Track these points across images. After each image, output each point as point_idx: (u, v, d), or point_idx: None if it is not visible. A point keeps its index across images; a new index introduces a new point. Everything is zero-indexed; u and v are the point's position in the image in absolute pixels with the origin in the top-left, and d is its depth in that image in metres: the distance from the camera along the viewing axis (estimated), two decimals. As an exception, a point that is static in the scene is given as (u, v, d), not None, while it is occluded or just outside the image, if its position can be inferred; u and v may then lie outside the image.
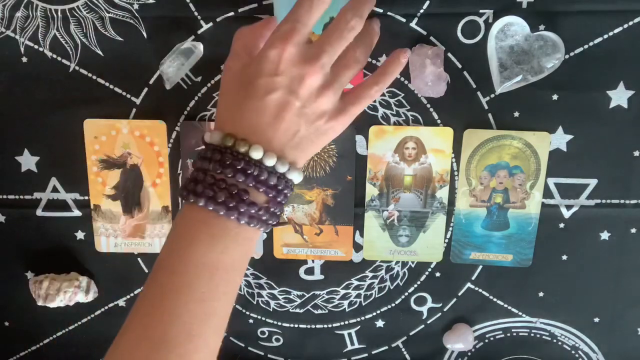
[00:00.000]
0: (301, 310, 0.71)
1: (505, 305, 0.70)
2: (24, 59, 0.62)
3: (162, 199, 0.67)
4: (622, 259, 0.67)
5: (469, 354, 0.72)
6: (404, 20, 0.60)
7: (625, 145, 0.63)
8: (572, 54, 0.60)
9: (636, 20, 0.59)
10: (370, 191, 0.66)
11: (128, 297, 0.71)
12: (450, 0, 0.59)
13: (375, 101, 0.63)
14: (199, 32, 0.61)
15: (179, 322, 0.43)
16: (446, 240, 0.67)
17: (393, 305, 0.70)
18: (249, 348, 0.73)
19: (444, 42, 0.60)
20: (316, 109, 0.46)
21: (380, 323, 0.71)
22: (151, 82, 0.63)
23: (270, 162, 0.45)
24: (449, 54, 0.61)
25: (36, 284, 0.67)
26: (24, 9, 0.60)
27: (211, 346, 0.45)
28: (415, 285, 0.69)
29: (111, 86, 0.63)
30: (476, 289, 0.69)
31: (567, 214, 0.66)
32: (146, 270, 0.70)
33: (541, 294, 0.69)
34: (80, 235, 0.69)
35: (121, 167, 0.66)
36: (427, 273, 0.69)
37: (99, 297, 0.71)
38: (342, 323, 0.72)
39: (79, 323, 0.72)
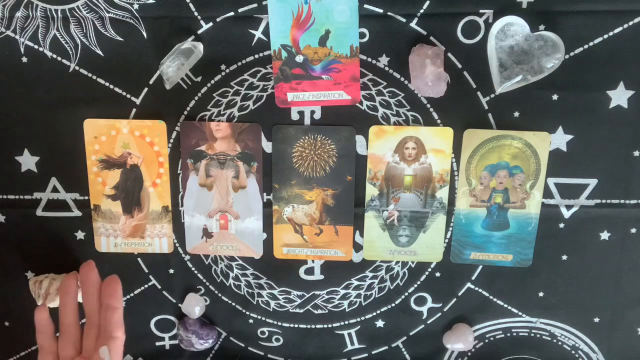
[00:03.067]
0: (301, 310, 0.71)
1: (505, 305, 0.70)
2: (24, 59, 0.62)
3: (162, 198, 0.67)
4: (622, 259, 0.67)
5: (469, 354, 0.72)
6: (404, 20, 0.60)
7: (625, 145, 0.63)
8: (572, 54, 0.60)
9: (636, 20, 0.59)
10: (370, 191, 0.66)
11: (128, 297, 0.71)
12: (450, 0, 0.59)
13: (375, 101, 0.63)
14: (199, 32, 0.61)
15: None
16: (446, 240, 0.67)
17: (393, 305, 0.70)
18: (249, 348, 0.73)
19: (444, 42, 0.60)
20: None
21: (380, 323, 0.71)
22: (151, 82, 0.63)
23: None
24: (449, 54, 0.61)
25: (36, 284, 0.67)
26: (24, 9, 0.60)
27: None
28: (415, 285, 0.69)
29: (111, 86, 0.63)
30: (476, 289, 0.69)
31: (567, 214, 0.66)
32: (146, 270, 0.70)
33: (541, 294, 0.69)
34: (80, 235, 0.69)
35: (121, 167, 0.66)
36: (427, 273, 0.69)
37: (99, 297, 0.71)
38: (342, 323, 0.72)
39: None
